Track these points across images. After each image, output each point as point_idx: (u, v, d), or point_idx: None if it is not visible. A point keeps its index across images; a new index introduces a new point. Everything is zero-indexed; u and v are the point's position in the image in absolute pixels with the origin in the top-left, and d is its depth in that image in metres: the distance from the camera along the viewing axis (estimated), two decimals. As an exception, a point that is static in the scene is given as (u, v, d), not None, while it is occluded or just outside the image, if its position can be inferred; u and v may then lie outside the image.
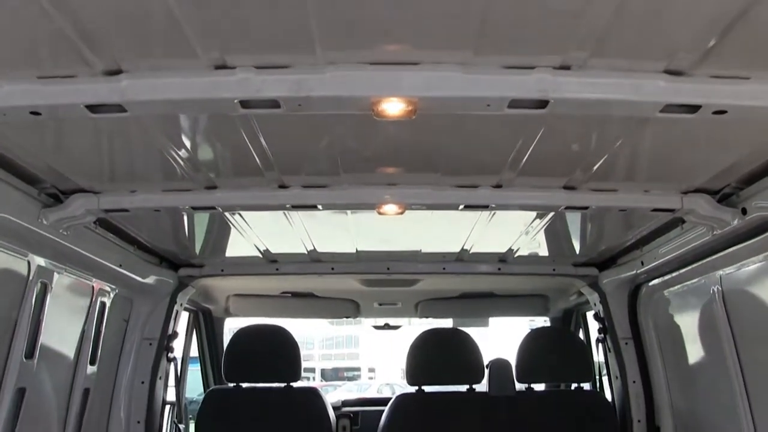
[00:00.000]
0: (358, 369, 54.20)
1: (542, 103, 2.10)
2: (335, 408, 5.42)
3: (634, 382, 4.66)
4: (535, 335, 5.00)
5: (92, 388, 4.16)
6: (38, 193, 3.11)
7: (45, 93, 2.12)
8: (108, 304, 4.22)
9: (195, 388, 6.62)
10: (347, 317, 6.55)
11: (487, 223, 3.87)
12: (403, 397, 4.84)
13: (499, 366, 4.80)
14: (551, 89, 2.04)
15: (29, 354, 3.41)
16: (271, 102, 2.11)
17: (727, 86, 2.11)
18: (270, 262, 4.89)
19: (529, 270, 5.01)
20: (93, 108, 2.15)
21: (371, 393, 13.03)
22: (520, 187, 3.19)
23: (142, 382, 4.66)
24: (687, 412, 4.30)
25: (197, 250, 4.70)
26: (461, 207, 3.31)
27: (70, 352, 3.93)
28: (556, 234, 4.30)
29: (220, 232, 4.28)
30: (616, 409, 4.80)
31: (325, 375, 51.72)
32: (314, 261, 4.86)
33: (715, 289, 3.61)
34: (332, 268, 4.92)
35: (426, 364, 4.81)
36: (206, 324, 6.51)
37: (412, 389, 4.81)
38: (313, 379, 45.88)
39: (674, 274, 4.03)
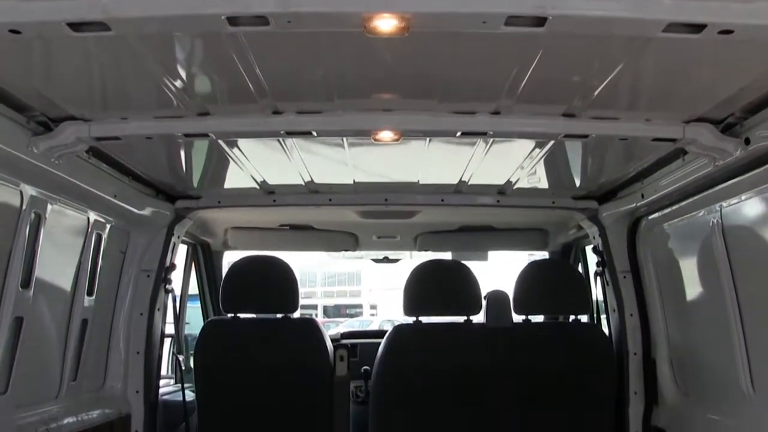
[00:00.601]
0: (360, 306, 54.85)
1: (540, 21, 2.03)
2: (334, 340, 5.46)
3: (631, 315, 4.66)
4: (533, 267, 4.99)
5: (90, 319, 4.19)
6: (27, 121, 3.07)
7: (24, 10, 2.05)
8: (104, 236, 4.21)
9: (197, 324, 6.67)
10: (346, 250, 6.56)
11: (485, 154, 3.82)
12: (400, 328, 4.86)
13: (496, 298, 4.80)
14: (549, 5, 1.97)
15: (25, 284, 3.42)
16: (260, 19, 2.04)
17: (734, 3, 2.03)
18: (267, 194, 4.87)
19: (528, 203, 4.97)
20: (75, 26, 2.09)
21: (372, 329, 13.19)
22: (518, 114, 3.13)
23: (141, 314, 4.68)
24: (683, 345, 4.32)
25: (194, 181, 4.67)
26: (458, 134, 3.26)
27: (66, 282, 3.94)
28: (555, 166, 4.25)
29: (216, 163, 4.24)
30: (613, 341, 4.81)
31: (327, 312, 52.39)
32: (312, 192, 4.84)
33: (715, 222, 3.58)
34: (330, 200, 4.89)
35: (423, 295, 4.81)
36: (205, 257, 6.53)
37: (409, 320, 4.82)
38: (316, 315, 46.47)
39: (674, 207, 4.00)
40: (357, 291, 57.41)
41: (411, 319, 4.81)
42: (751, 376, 3.40)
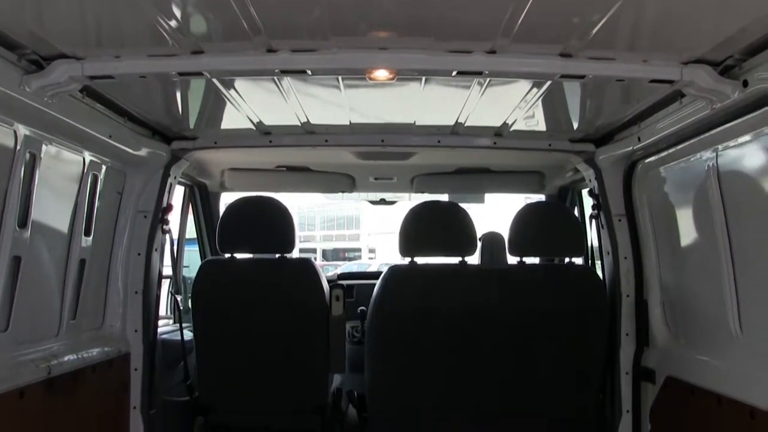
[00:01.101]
0: (358, 250, 55.15)
1: None
2: (330, 281, 5.52)
3: (625, 258, 4.70)
4: (528, 209, 4.99)
5: (88, 259, 4.22)
6: (18, 59, 3.04)
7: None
8: (100, 177, 4.21)
9: (195, 267, 6.72)
10: (343, 191, 6.57)
11: (482, 96, 3.80)
12: (395, 269, 4.89)
13: (491, 239, 4.82)
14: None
15: (22, 223, 3.43)
16: None
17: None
18: (263, 135, 4.86)
19: (525, 145, 4.96)
20: None
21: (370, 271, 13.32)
22: (514, 54, 3.10)
23: (139, 254, 4.71)
24: (675, 288, 4.37)
25: (190, 122, 4.65)
26: (454, 73, 3.24)
27: (63, 223, 3.95)
28: (552, 108, 4.23)
29: (212, 104, 4.22)
30: (606, 284, 4.86)
31: (326, 255, 52.72)
32: (308, 133, 4.83)
33: (711, 166, 3.58)
34: (326, 141, 4.88)
35: (419, 236, 4.83)
36: (202, 199, 6.55)
37: (404, 261, 4.85)
38: (315, 259, 46.77)
39: (671, 151, 3.99)
40: (356, 235, 57.69)
41: (407, 260, 4.86)
42: (739, 319, 3.45)
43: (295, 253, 5.27)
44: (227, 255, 5.01)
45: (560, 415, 4.77)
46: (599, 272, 5.14)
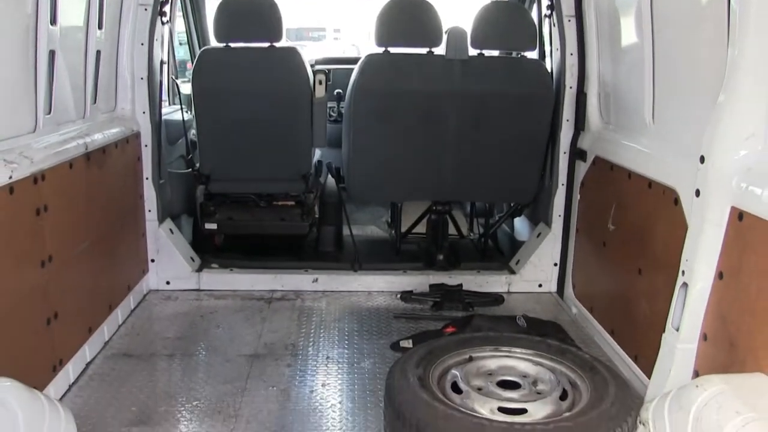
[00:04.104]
0: (323, 29, 54.01)
1: None
2: (311, 66, 6.10)
3: (571, 54, 5.35)
4: (489, 7, 5.47)
5: (102, 50, 4.77)
6: None
7: None
8: None
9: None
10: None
11: None
12: (371, 57, 5.44)
13: (456, 33, 5.37)
14: None
15: (53, 20, 3.93)
16: None
17: None
18: None
19: None
20: None
21: (337, 53, 13.64)
22: None
23: (142, 44, 5.25)
24: (609, 83, 5.05)
25: None
26: None
27: (81, 18, 4.43)
28: None
29: None
30: (553, 76, 5.54)
31: (290, 34, 51.56)
32: None
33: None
34: None
35: (392, 27, 5.35)
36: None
37: (380, 50, 5.43)
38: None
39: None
40: (320, 13, 56.09)
41: (381, 50, 5.45)
42: (653, 111, 4.22)
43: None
44: (222, 44, 5.56)
45: (508, 185, 5.71)
46: (548, 66, 5.81)
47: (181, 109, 5.99)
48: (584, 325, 5.02)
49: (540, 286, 5.73)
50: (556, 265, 5.66)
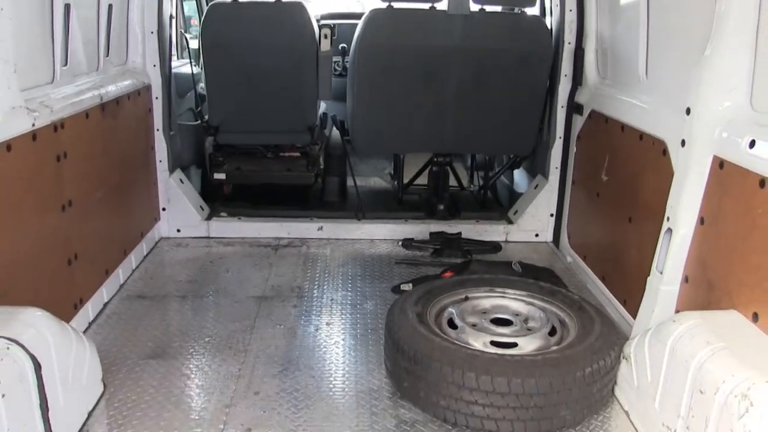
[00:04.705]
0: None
1: None
2: (317, 20, 6.25)
3: (570, 10, 5.46)
4: None
5: (114, 4, 4.92)
6: None
7: None
8: None
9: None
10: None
11: None
12: (375, 12, 5.57)
13: None
14: None
15: None
16: None
17: None
18: None
19: None
20: None
21: (342, 8, 13.66)
22: None
23: None
24: (607, 39, 5.16)
25: None
26: None
27: (92, -30, 4.60)
28: None
29: None
30: (552, 32, 5.66)
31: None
32: None
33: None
34: None
35: None
36: None
37: (383, 5, 5.56)
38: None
39: None
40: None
41: (384, 5, 5.57)
42: (646, 66, 4.38)
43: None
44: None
45: (508, 138, 5.88)
46: (548, 23, 5.91)
47: (190, 62, 6.16)
48: (578, 272, 5.24)
49: (537, 235, 5.95)
50: (552, 215, 5.87)
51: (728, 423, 2.52)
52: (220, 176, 6.11)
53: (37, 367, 2.73)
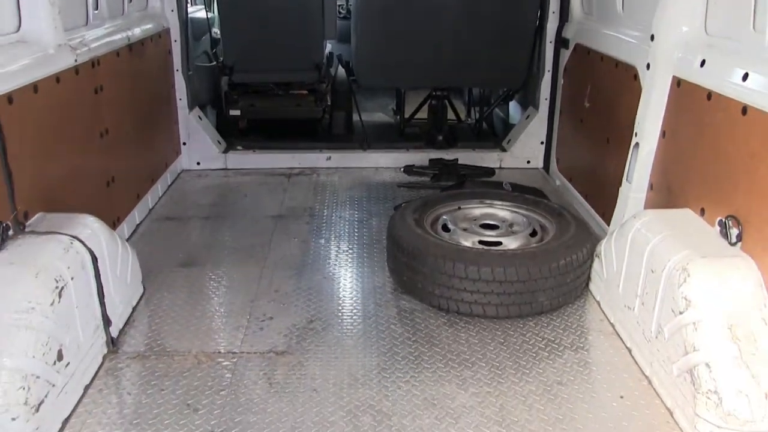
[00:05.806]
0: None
1: None
2: None
3: None
4: None
5: None
6: None
7: None
8: None
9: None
10: None
11: None
12: None
13: None
14: None
15: None
16: None
17: None
18: None
19: None
20: None
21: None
22: None
23: None
24: None
25: None
26: None
27: None
28: None
29: None
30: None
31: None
32: None
33: None
34: None
35: None
36: None
37: None
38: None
39: None
40: None
41: None
42: (623, 1, 4.82)
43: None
44: None
45: (500, 72, 6.33)
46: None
47: (205, 7, 6.61)
48: (565, 194, 5.74)
49: (528, 162, 6.44)
50: (542, 143, 6.35)
51: (671, 292, 3.04)
52: (235, 112, 6.61)
53: (95, 259, 3.28)
